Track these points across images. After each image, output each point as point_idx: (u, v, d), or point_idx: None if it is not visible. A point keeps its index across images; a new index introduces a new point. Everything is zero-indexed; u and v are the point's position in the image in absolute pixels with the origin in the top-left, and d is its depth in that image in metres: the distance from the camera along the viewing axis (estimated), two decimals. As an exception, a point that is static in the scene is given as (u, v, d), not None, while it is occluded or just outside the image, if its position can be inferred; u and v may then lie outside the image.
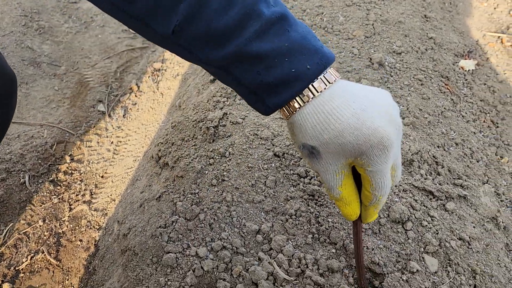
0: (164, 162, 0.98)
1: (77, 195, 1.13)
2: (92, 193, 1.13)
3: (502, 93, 1.32)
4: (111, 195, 1.10)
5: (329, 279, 0.67)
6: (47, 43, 1.62)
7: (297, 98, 0.50)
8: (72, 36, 1.68)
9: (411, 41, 1.28)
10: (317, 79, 0.49)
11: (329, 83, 0.49)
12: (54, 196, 1.12)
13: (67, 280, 0.93)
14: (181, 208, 0.81)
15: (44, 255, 0.98)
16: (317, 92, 0.49)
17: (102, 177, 1.18)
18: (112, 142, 1.29)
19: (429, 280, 0.70)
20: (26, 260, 0.97)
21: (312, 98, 0.49)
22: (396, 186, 0.84)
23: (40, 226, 1.05)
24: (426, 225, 0.77)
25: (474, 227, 0.82)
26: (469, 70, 1.34)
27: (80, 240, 1.01)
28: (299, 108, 0.50)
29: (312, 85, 0.49)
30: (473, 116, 1.17)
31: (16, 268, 0.96)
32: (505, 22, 1.68)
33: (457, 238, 0.77)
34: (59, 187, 1.15)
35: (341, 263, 0.70)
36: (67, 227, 1.05)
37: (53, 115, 1.36)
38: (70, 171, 1.19)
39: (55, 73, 1.51)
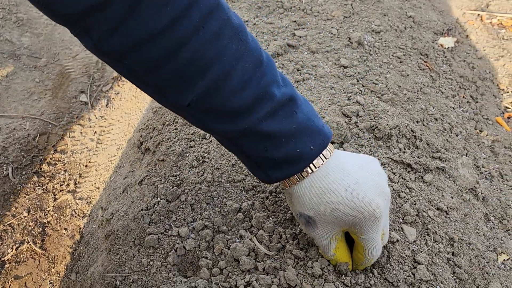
0: (145, 147, 0.98)
1: (61, 185, 1.13)
2: (76, 182, 1.13)
3: (481, 69, 1.34)
4: (95, 183, 1.10)
5: (308, 252, 0.68)
6: (27, 35, 1.60)
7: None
8: (51, 27, 1.66)
9: (390, 20, 1.28)
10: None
11: (326, 158, 0.53)
12: (38, 187, 1.12)
13: (53, 268, 0.93)
14: (162, 190, 0.81)
15: (30, 245, 0.98)
16: (315, 167, 0.53)
17: (86, 166, 1.18)
18: (95, 132, 1.29)
19: (409, 248, 0.71)
20: (12, 251, 0.97)
21: (310, 173, 0.53)
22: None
23: (24, 217, 1.05)
24: (404, 197, 0.78)
25: (452, 197, 0.83)
26: (448, 48, 1.35)
27: (65, 229, 1.01)
28: (297, 181, 0.54)
29: (312, 162, 0.53)
30: (453, 92, 1.18)
31: (2, 259, 0.96)
32: (485, 0, 1.69)
33: (435, 208, 0.78)
34: (43, 178, 1.15)
35: (321, 236, 0.71)
36: (52, 216, 1.05)
37: (35, 107, 1.35)
38: (53, 162, 1.19)
39: (35, 65, 1.49)
